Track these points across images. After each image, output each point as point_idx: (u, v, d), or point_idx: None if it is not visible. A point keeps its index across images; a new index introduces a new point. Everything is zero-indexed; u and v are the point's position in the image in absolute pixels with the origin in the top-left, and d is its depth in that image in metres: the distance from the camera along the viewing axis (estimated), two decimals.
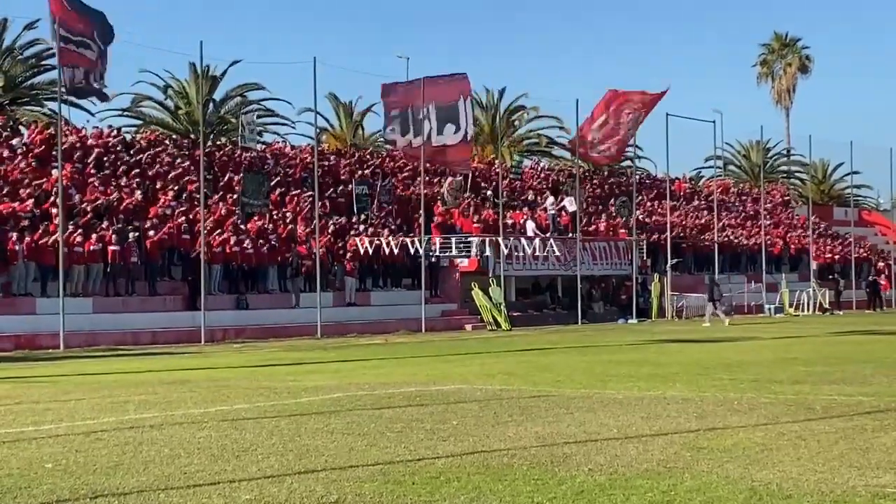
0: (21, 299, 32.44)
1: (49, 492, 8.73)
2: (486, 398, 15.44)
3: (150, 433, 12.02)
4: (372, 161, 54.42)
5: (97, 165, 40.58)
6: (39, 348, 30.32)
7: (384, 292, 43.16)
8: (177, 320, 35.11)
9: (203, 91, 52.11)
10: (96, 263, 34.13)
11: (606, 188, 64.31)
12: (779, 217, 72.28)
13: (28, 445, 11.19)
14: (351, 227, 43.69)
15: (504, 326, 42.06)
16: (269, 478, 9.24)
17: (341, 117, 72.58)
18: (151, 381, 19.43)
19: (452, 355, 26.95)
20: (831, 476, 9.20)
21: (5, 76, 55.07)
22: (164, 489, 8.79)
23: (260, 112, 63.04)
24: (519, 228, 49.83)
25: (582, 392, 16.21)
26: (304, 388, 17.47)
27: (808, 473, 9.30)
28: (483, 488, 8.73)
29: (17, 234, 32.32)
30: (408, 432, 11.87)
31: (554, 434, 11.67)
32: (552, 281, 49.48)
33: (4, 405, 15.22)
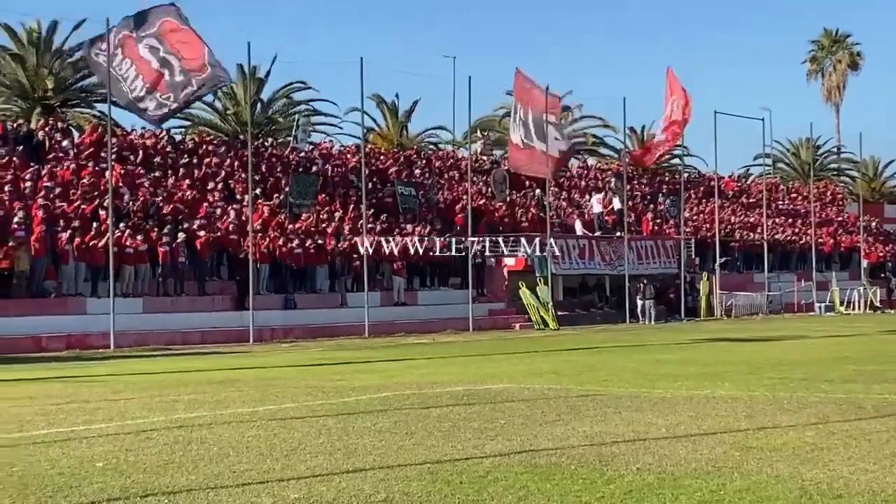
0: (72, 299, 32.70)
1: (100, 490, 8.79)
2: (533, 397, 15.41)
3: (200, 432, 12.09)
4: (419, 161, 54.48)
5: (146, 166, 40.89)
6: (90, 348, 30.56)
7: (431, 292, 43.16)
8: (225, 320, 35.27)
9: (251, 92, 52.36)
10: (145, 264, 34.37)
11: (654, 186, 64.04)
12: (829, 215, 71.66)
13: (79, 444, 11.28)
14: (398, 227, 43.74)
15: (552, 326, 41.96)
16: (317, 477, 9.26)
17: (387, 117, 72.75)
18: (200, 381, 19.54)
19: (500, 354, 26.92)
20: (882, 475, 9.11)
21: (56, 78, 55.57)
22: (213, 488, 8.84)
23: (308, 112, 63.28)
24: (567, 227, 49.70)
25: (630, 391, 16.15)
26: (352, 387, 17.50)
27: (858, 473, 9.22)
28: (531, 487, 8.71)
29: (68, 235, 32.60)
30: (455, 431, 11.87)
31: (602, 433, 11.63)
32: (600, 280, 49.32)
33: (56, 404, 15.35)
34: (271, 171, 44.97)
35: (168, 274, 35.10)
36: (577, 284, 48.84)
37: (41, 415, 14.03)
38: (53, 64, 56.02)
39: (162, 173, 40.84)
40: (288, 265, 38.13)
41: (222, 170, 43.15)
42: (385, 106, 72.55)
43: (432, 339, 35.34)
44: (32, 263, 31.74)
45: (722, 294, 51.67)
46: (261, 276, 36.80)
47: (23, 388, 18.78)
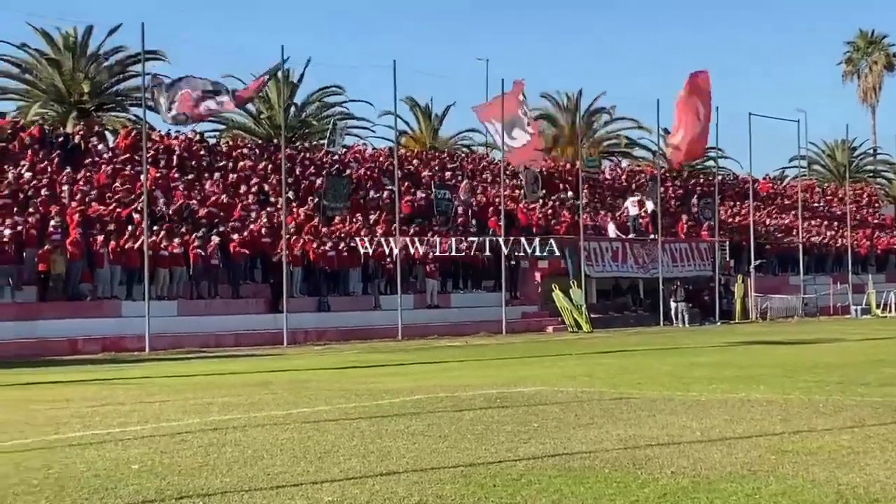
0: (107, 302, 32.90)
1: (135, 492, 8.84)
2: (567, 400, 15.38)
3: (234, 434, 12.13)
4: (452, 163, 54.50)
5: (181, 170, 41.11)
6: (125, 351, 30.71)
7: (464, 294, 43.15)
8: (259, 323, 35.38)
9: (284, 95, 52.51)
10: (180, 266, 34.53)
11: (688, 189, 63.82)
12: (865, 217, 71.20)
13: (114, 447, 11.34)
14: (431, 230, 43.75)
15: (585, 328, 41.88)
16: (350, 479, 9.28)
17: (420, 120, 72.84)
18: (234, 383, 19.61)
19: (533, 357, 26.89)
20: None
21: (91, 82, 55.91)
22: (247, 490, 8.87)
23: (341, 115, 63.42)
24: (600, 230, 49.61)
25: (664, 394, 16.09)
26: (385, 390, 17.51)
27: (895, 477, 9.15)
28: (564, 491, 8.70)
29: (104, 238, 32.79)
30: (488, 434, 11.86)
31: (636, 436, 11.59)
32: (633, 282, 49.17)
33: (91, 407, 15.44)
34: (305, 174, 45.10)
35: (202, 277, 35.26)
36: (611, 287, 48.70)
37: (77, 417, 14.11)
38: (89, 68, 56.36)
39: (196, 177, 41.06)
40: (321, 268, 38.22)
41: (256, 173, 43.33)
42: (418, 109, 72.64)
43: (465, 341, 35.33)
44: (68, 266, 31.97)
45: (757, 297, 51.43)
46: (294, 278, 36.90)
47: (59, 390, 18.90)
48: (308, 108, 64.99)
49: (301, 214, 40.23)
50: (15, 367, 25.16)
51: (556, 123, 74.38)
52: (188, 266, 34.83)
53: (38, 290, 31.83)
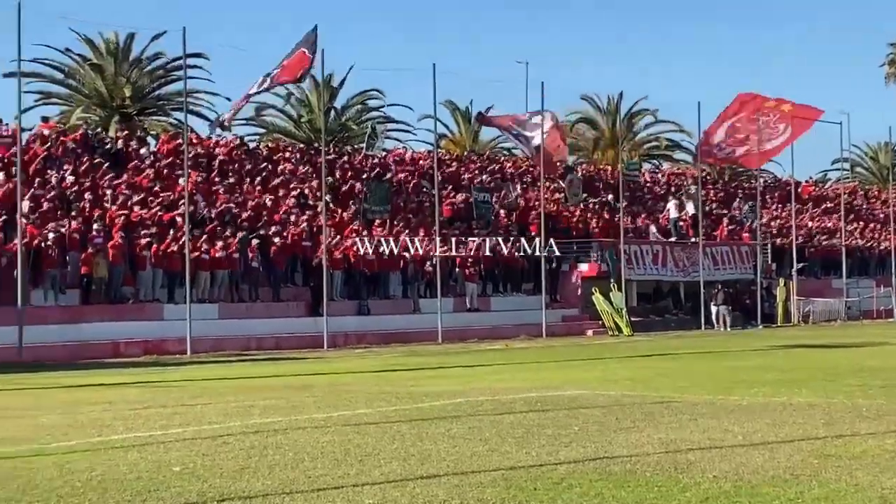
0: (149, 305, 33.11)
1: (177, 495, 8.88)
2: (608, 404, 15.34)
3: (275, 437, 12.17)
4: (492, 166, 54.48)
5: (222, 173, 41.32)
6: (167, 353, 30.89)
7: (504, 297, 43.11)
8: (300, 326, 35.48)
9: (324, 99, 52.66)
10: (221, 270, 34.71)
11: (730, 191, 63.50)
12: None
13: (156, 449, 11.40)
14: (471, 233, 43.74)
15: (626, 332, 41.76)
16: (391, 482, 9.28)
17: (459, 123, 72.83)
18: (276, 386, 19.68)
19: (573, 360, 26.84)
20: None
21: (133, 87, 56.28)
22: (288, 493, 8.89)
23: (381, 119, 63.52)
24: (641, 233, 49.45)
25: (705, 398, 16.02)
26: (426, 393, 17.53)
27: None
28: (605, 495, 8.67)
29: (146, 242, 33.01)
30: (529, 438, 11.84)
31: (677, 440, 11.55)
32: (674, 285, 48.97)
33: (134, 409, 15.53)
34: (345, 177, 45.21)
35: (243, 280, 35.43)
36: (652, 290, 48.54)
37: (120, 419, 14.20)
38: (131, 73, 56.73)
39: (237, 180, 41.24)
40: (361, 271, 38.31)
41: (296, 177, 43.49)
42: (458, 112, 72.64)
43: (505, 345, 35.30)
44: (111, 270, 32.21)
45: (799, 300, 51.10)
46: (335, 282, 37.01)
47: (101, 393, 19.03)
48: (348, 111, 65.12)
49: (341, 218, 40.32)
50: (58, 369, 25.36)
51: (596, 126, 74.21)
52: (229, 269, 34.99)
53: (81, 294, 32.08)
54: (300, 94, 63.11)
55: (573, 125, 72.17)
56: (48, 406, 16.39)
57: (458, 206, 46.24)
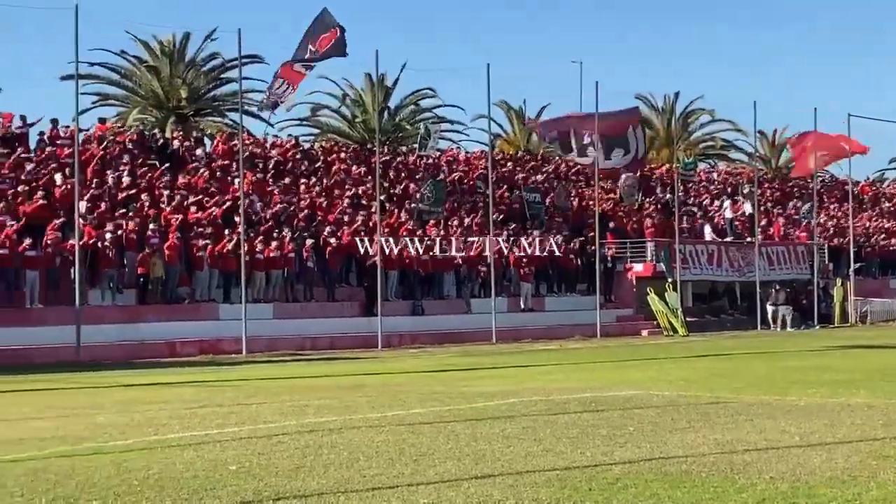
0: (205, 305, 33.34)
1: (233, 493, 8.94)
2: (663, 404, 15.27)
3: (330, 437, 12.21)
4: (546, 167, 54.40)
5: (277, 174, 41.52)
6: (222, 353, 31.07)
7: (558, 298, 43.02)
8: (354, 326, 35.58)
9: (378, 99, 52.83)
10: (276, 270, 34.88)
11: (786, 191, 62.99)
12: None
13: (213, 448, 11.48)
14: (525, 233, 43.69)
15: (681, 332, 41.55)
16: (446, 482, 9.29)
17: (514, 123, 72.76)
18: (330, 386, 19.75)
19: (628, 361, 26.75)
20: None
21: (189, 88, 56.71)
22: (343, 492, 8.92)
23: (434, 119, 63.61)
24: (696, 233, 49.19)
25: (762, 398, 15.91)
26: (480, 393, 17.53)
27: None
28: (661, 495, 8.63)
29: (201, 242, 33.24)
30: (584, 438, 11.81)
31: (733, 441, 11.48)
32: (730, 285, 48.66)
33: (190, 409, 15.64)
34: (399, 177, 45.29)
35: (298, 280, 35.59)
36: (707, 290, 48.26)
37: (176, 419, 14.31)
38: (187, 74, 57.17)
39: (292, 181, 41.43)
40: (415, 271, 38.37)
41: (351, 177, 43.63)
42: (512, 112, 72.58)
43: (559, 345, 35.22)
44: (167, 270, 32.47)
45: (856, 300, 50.59)
46: (389, 282, 37.09)
47: (158, 392, 19.19)
48: (402, 111, 65.27)
49: (395, 218, 40.41)
50: (115, 368, 25.60)
51: (651, 126, 73.85)
52: (284, 269, 35.16)
53: (137, 294, 32.36)
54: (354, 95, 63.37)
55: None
56: (105, 405, 16.55)
57: (512, 206, 46.19)
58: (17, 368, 25.10)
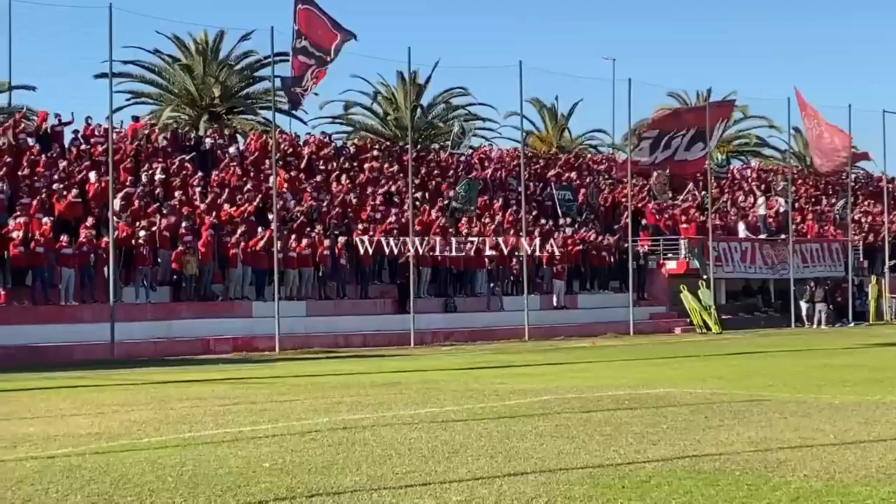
0: (238, 303, 33.45)
1: (266, 490, 8.97)
2: (696, 402, 15.23)
3: (363, 434, 12.24)
4: (578, 164, 54.29)
5: (309, 171, 41.61)
6: (255, 350, 31.17)
7: (591, 295, 42.93)
8: (387, 323, 35.61)
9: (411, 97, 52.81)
10: (309, 267, 34.97)
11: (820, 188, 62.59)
12: None
13: (246, 445, 11.53)
14: (557, 230, 43.63)
15: (714, 329, 41.39)
16: (479, 479, 9.30)
17: (546, 120, 72.61)
18: (363, 383, 19.79)
19: (661, 359, 26.68)
20: None
21: (222, 86, 56.86)
22: (376, 489, 8.94)
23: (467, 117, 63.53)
24: (729, 230, 48.98)
25: (796, 396, 15.84)
26: (513, 390, 17.52)
27: None
28: (694, 493, 8.61)
29: (234, 240, 33.35)
30: (617, 436, 11.80)
31: (767, 439, 11.44)
32: (763, 283, 48.44)
33: (224, 405, 15.71)
34: (431, 175, 45.32)
35: (331, 278, 35.66)
36: (741, 288, 48.06)
37: (210, 415, 14.37)
38: (220, 73, 57.32)
39: (324, 178, 41.51)
40: (448, 269, 38.38)
41: (383, 174, 43.68)
42: (544, 109, 72.42)
43: (592, 342, 35.16)
44: (200, 267, 32.61)
45: (892, 298, 50.24)
46: (422, 279, 37.11)
47: (192, 389, 19.27)
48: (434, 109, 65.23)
49: (428, 215, 40.43)
50: (149, 365, 25.74)
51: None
52: (317, 267, 35.25)
53: (171, 291, 32.51)
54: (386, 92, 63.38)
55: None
56: (140, 402, 16.65)
57: (544, 203, 46.13)
58: (53, 365, 25.28)
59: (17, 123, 35.97)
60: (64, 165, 34.07)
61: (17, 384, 20.33)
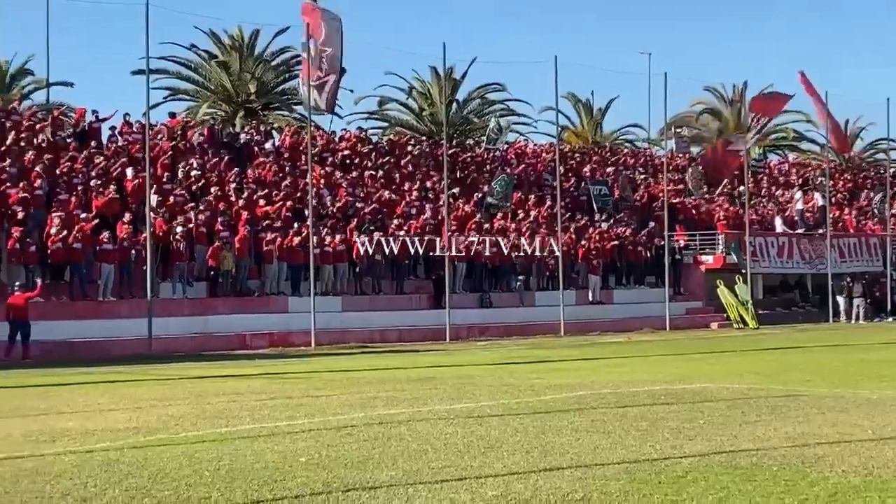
0: (274, 298, 33.57)
1: (302, 484, 9.00)
2: (733, 397, 15.16)
3: (398, 429, 12.25)
4: (614, 158, 54.15)
5: (344, 167, 41.69)
6: (291, 346, 31.28)
7: (627, 290, 42.84)
8: (422, 318, 35.66)
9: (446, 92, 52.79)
10: (344, 263, 35.04)
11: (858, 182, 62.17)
12: None
13: (282, 439, 11.56)
14: (593, 225, 43.54)
15: (751, 325, 41.21)
16: (514, 474, 9.29)
17: (581, 115, 72.45)
18: (399, 378, 19.81)
19: (698, 354, 26.57)
20: None
21: (258, 82, 57.04)
22: (412, 484, 8.95)
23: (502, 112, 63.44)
24: (766, 224, 48.74)
25: (834, 392, 15.75)
26: (548, 385, 17.50)
27: None
28: (731, 488, 8.58)
29: (270, 236, 33.45)
30: (653, 431, 11.76)
31: (805, 434, 11.37)
32: (801, 278, 48.18)
33: (260, 400, 15.77)
34: (466, 170, 45.30)
35: (366, 273, 35.71)
36: (778, 282, 47.83)
37: (246, 410, 14.43)
38: (256, 69, 57.50)
39: (359, 174, 41.58)
40: (483, 264, 38.37)
41: (419, 170, 43.70)
42: (580, 104, 72.27)
43: (628, 337, 35.08)
44: (236, 263, 32.74)
45: None
46: (457, 274, 37.12)
47: (228, 384, 19.34)
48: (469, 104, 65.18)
49: (463, 211, 40.43)
50: (186, 360, 25.84)
51: (720, 117, 73.26)
52: (352, 262, 35.31)
53: (208, 286, 32.65)
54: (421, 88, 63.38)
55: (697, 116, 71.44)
56: (177, 397, 16.73)
57: (579, 198, 46.04)
58: (90, 361, 25.44)
59: (55, 120, 36.22)
60: (101, 162, 34.26)
61: (56, 379, 20.49)
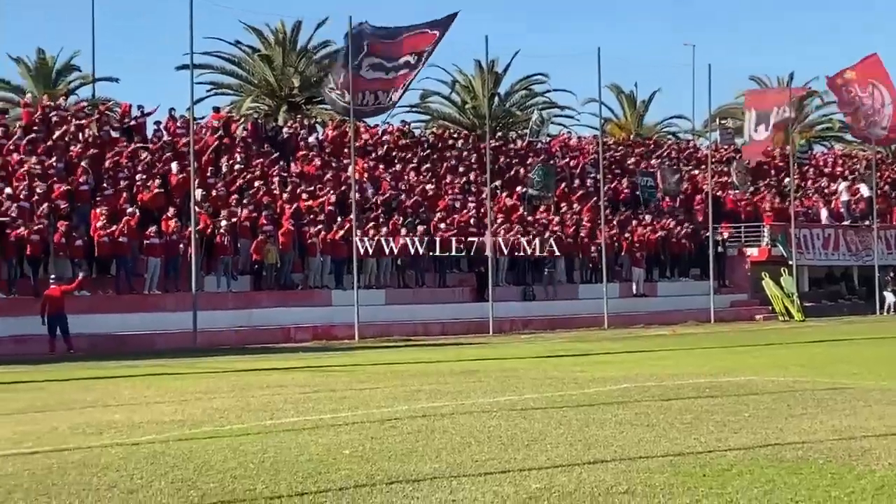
0: (318, 291, 33.67)
1: (346, 477, 9.02)
2: (778, 390, 15.06)
3: (442, 421, 12.25)
4: (658, 151, 53.92)
5: (388, 161, 41.75)
6: (335, 339, 31.37)
7: (671, 283, 42.67)
8: (465, 311, 35.66)
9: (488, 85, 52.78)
10: (388, 256, 35.08)
11: None
12: None
13: (326, 432, 11.59)
14: (636, 217, 43.39)
15: (797, 317, 40.94)
16: (558, 467, 9.27)
17: (625, 107, 72.22)
18: (442, 371, 19.81)
19: (742, 346, 26.43)
20: None
21: (301, 76, 57.23)
22: (455, 476, 8.95)
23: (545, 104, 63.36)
24: (811, 216, 48.39)
25: (881, 384, 15.61)
26: (592, 378, 17.45)
27: None
28: (777, 481, 8.52)
29: (314, 229, 33.55)
30: (697, 424, 11.70)
31: (851, 427, 11.28)
32: (847, 270, 47.81)
33: (304, 393, 15.81)
34: (509, 163, 45.26)
35: (409, 266, 35.75)
36: (824, 275, 47.50)
37: (291, 403, 14.47)
38: (298, 62, 57.69)
39: (403, 167, 41.63)
40: (526, 257, 38.31)
41: (462, 163, 43.68)
42: (623, 96, 72.04)
43: (672, 330, 34.93)
44: (280, 256, 32.87)
45: None
46: (500, 267, 37.09)
47: (273, 377, 19.42)
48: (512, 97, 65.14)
49: (506, 204, 40.40)
50: (231, 354, 25.97)
51: None
52: (396, 256, 35.36)
53: (252, 280, 32.80)
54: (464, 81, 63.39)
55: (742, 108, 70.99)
56: (221, 390, 16.80)
57: (623, 191, 45.89)
58: (136, 354, 25.63)
59: (101, 115, 36.49)
60: (146, 157, 34.46)
61: (102, 372, 20.64)
